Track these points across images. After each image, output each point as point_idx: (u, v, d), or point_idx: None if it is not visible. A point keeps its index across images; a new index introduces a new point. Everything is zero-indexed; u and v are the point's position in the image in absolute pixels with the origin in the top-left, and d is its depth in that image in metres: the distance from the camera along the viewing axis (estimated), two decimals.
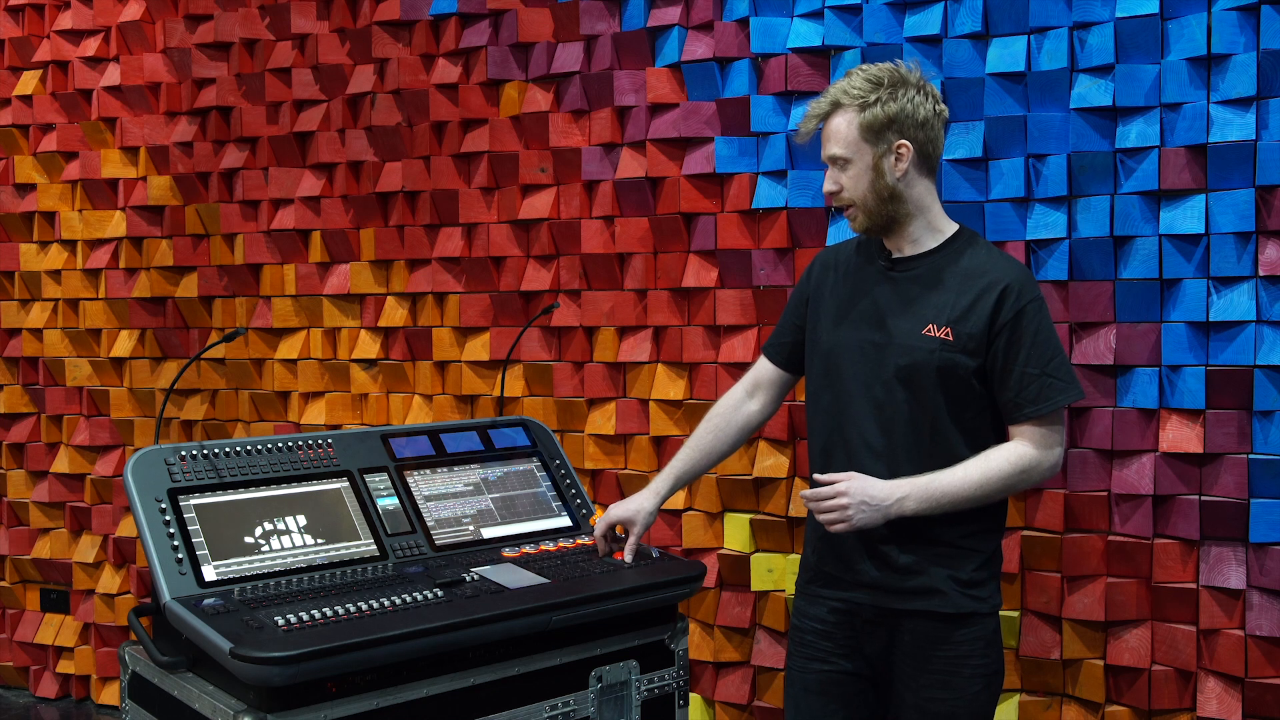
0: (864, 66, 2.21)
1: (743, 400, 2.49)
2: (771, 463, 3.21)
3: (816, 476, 2.19)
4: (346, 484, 2.57)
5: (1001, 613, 2.94)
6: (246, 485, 2.46)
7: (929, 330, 2.14)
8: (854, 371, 2.22)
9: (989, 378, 2.14)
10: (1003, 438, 2.18)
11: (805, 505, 2.19)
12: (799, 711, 2.32)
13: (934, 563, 2.16)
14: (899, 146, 2.14)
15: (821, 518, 2.14)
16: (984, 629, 2.18)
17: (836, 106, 2.17)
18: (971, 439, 2.15)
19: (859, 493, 2.10)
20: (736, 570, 3.28)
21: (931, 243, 2.21)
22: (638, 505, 2.48)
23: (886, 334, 2.19)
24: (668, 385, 3.36)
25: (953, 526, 2.15)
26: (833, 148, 2.18)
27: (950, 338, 2.12)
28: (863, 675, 2.26)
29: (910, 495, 2.10)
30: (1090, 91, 2.81)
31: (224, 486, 2.43)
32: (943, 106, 2.20)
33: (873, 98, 2.14)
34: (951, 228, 2.23)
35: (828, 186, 2.21)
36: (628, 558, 2.48)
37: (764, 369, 2.48)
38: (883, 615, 2.21)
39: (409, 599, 2.22)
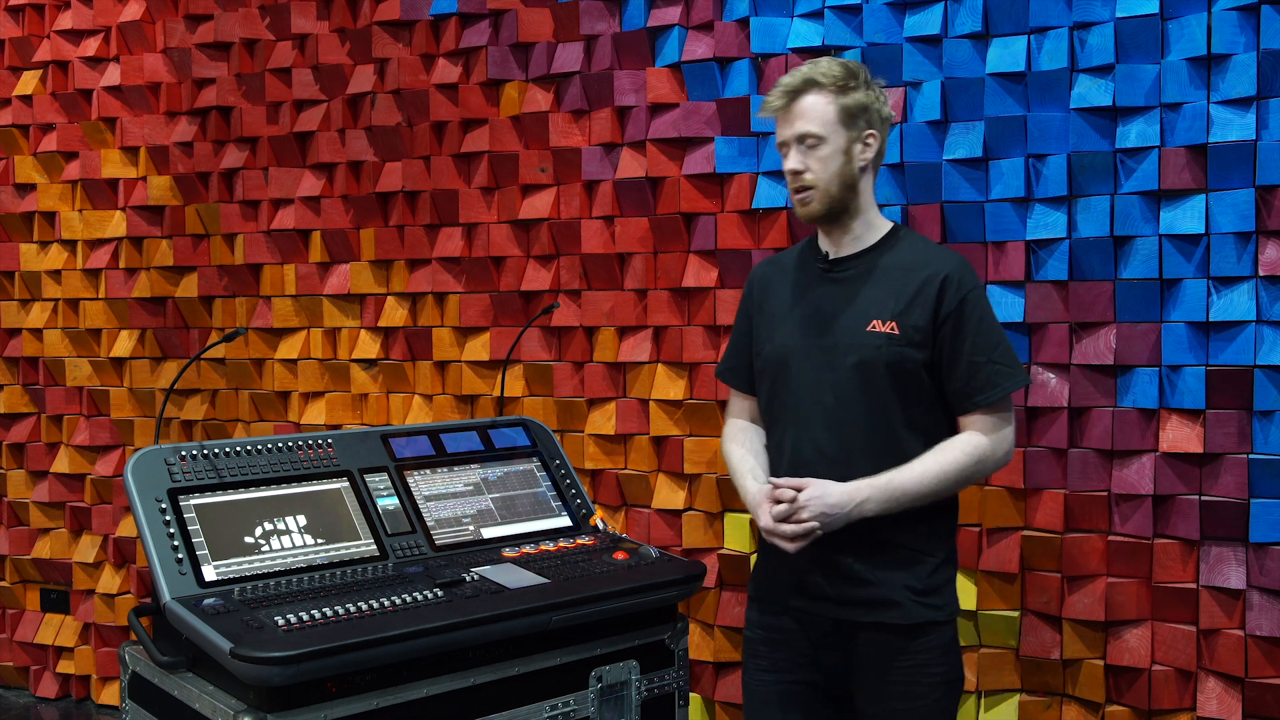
0: (830, 57, 2.20)
1: (752, 426, 2.36)
2: None
3: (773, 480, 2.14)
4: (346, 484, 2.57)
5: (1001, 613, 2.96)
6: (246, 485, 2.46)
7: (874, 326, 2.12)
8: (802, 378, 2.18)
9: (937, 370, 2.12)
10: (955, 434, 2.14)
11: (764, 533, 2.12)
12: None
13: (889, 570, 2.12)
14: (868, 135, 2.15)
15: (787, 546, 2.07)
16: (941, 637, 2.14)
17: (811, 85, 2.14)
18: (925, 436, 2.12)
19: (818, 504, 2.05)
20: (736, 570, 3.28)
21: (870, 240, 2.20)
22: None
23: (832, 335, 2.15)
24: (668, 385, 3.36)
25: (907, 529, 2.11)
26: (806, 125, 2.13)
27: (896, 331, 2.10)
28: (819, 685, 2.21)
29: (871, 498, 2.06)
30: (1090, 91, 2.81)
31: (224, 486, 2.43)
32: (893, 113, 2.23)
33: (851, 83, 2.14)
34: (886, 225, 2.23)
35: (792, 164, 2.15)
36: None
37: (742, 401, 2.38)
38: (839, 627, 2.16)
39: (409, 599, 2.22)
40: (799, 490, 2.07)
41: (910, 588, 2.12)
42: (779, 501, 2.08)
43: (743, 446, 2.31)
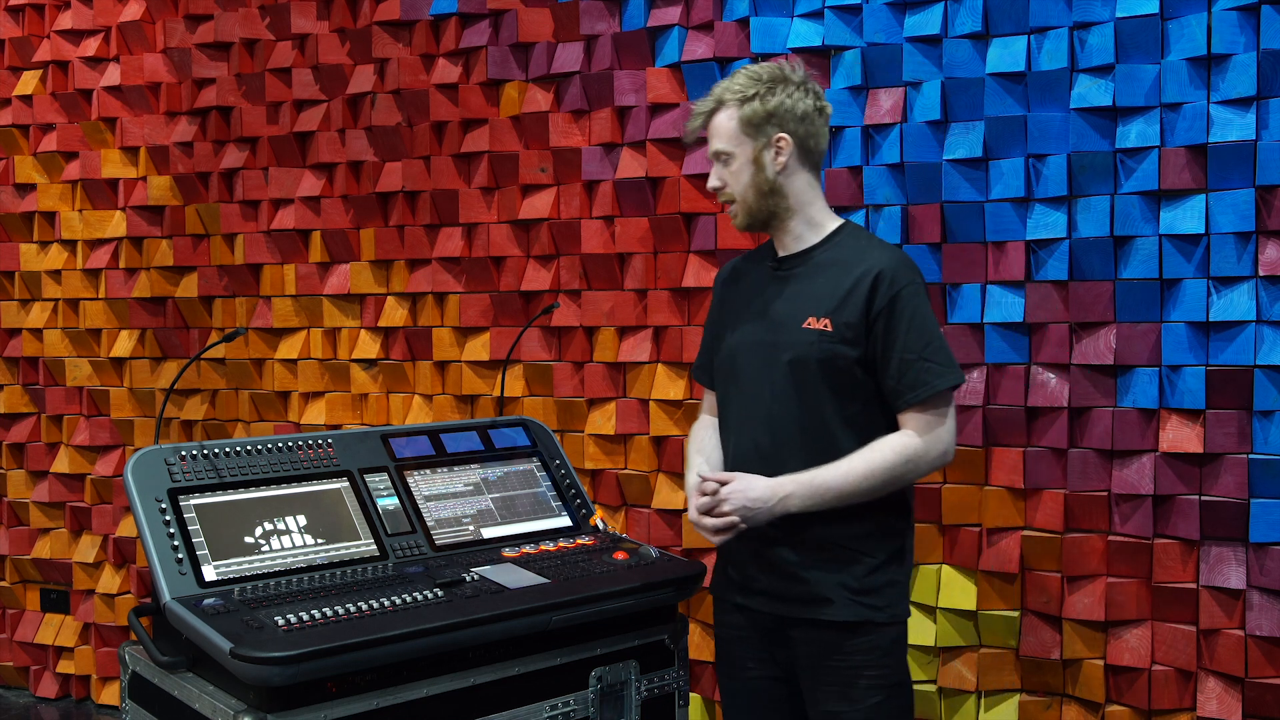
0: (748, 66, 2.24)
1: (715, 422, 2.39)
2: None
3: (700, 473, 2.16)
4: (346, 484, 2.57)
5: (1001, 613, 2.96)
6: (246, 485, 2.46)
7: (809, 323, 2.14)
8: (748, 374, 2.22)
9: (873, 367, 2.12)
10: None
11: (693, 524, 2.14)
12: None
13: (823, 568, 2.13)
14: (778, 140, 2.16)
15: (711, 538, 2.10)
16: (881, 639, 2.13)
17: (720, 104, 2.20)
18: (860, 434, 2.12)
19: (739, 497, 2.06)
20: None
21: (814, 238, 2.22)
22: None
23: (774, 332, 2.18)
24: (668, 385, 3.36)
25: (844, 527, 2.11)
26: (716, 143, 2.20)
27: (829, 328, 2.11)
28: (782, 680, 2.24)
29: (794, 493, 2.07)
30: (1090, 91, 2.81)
31: (224, 486, 2.43)
32: (825, 104, 2.22)
33: (751, 92, 2.16)
34: (835, 223, 2.24)
35: (711, 183, 2.24)
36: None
37: (710, 398, 2.43)
38: (780, 623, 2.18)
39: (409, 599, 2.22)
40: (724, 484, 2.09)
41: (845, 586, 2.12)
42: (705, 494, 2.11)
43: (695, 443, 2.37)
